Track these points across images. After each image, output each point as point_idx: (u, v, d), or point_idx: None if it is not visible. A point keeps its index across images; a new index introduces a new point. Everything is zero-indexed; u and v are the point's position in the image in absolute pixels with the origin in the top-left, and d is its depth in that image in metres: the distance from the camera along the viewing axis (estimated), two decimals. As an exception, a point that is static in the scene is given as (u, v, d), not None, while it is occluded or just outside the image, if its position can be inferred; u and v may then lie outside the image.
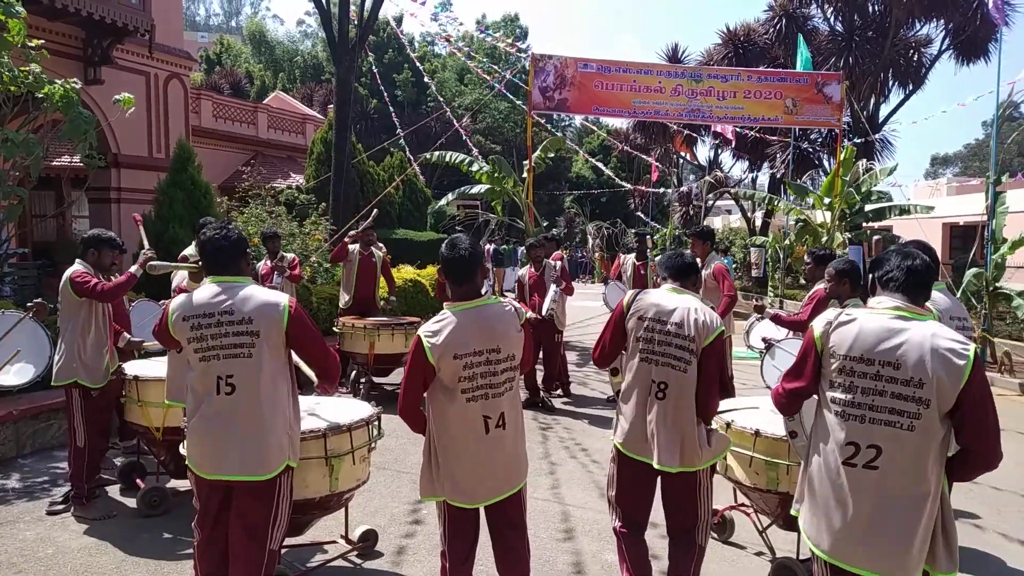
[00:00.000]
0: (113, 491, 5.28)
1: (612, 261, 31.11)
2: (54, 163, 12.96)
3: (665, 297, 3.48)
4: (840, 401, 2.51)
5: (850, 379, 2.49)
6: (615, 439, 3.52)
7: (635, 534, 3.53)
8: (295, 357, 3.33)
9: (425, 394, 3.11)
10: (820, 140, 21.92)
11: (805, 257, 6.04)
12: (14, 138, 6.94)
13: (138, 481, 5.21)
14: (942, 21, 20.04)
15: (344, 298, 8.69)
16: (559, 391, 8.63)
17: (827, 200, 12.89)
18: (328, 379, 3.37)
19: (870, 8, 19.72)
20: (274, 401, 3.12)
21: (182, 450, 3.56)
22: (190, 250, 6.61)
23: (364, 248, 8.60)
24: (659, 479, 3.47)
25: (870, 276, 2.73)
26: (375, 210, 8.93)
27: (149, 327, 5.07)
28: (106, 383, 4.83)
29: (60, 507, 4.88)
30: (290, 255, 8.23)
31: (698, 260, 5.73)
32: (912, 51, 20.94)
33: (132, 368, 4.96)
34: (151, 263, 4.27)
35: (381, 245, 8.98)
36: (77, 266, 4.75)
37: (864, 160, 13.99)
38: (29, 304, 4.24)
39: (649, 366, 3.40)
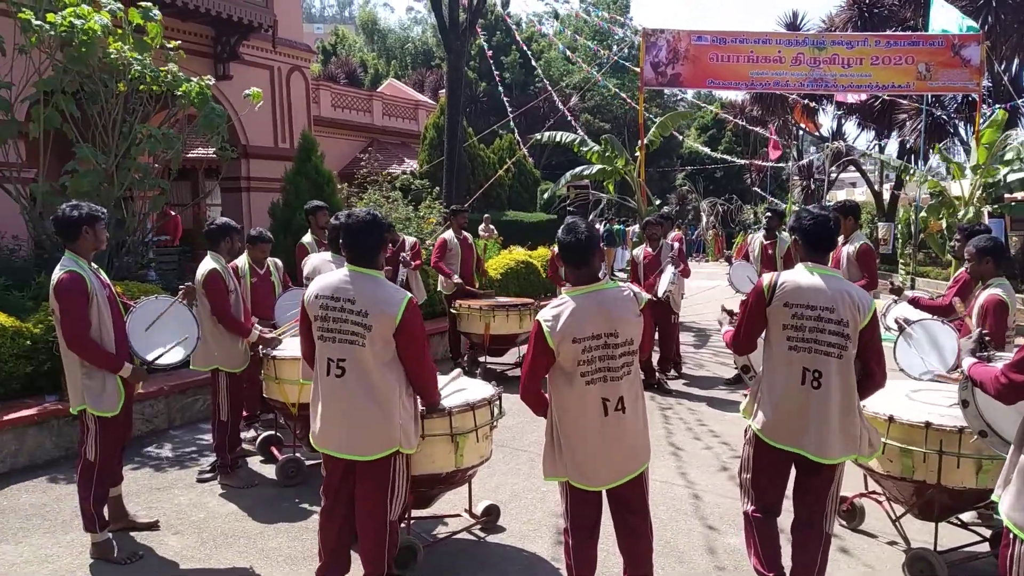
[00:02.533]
0: (252, 462, 5.66)
1: (726, 239, 30.07)
2: (189, 155, 13.84)
3: (810, 279, 3.24)
4: None
5: None
6: (754, 424, 3.40)
7: (767, 518, 3.45)
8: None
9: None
10: (956, 106, 20.40)
11: (956, 234, 5.64)
12: (156, 134, 7.49)
13: (275, 452, 5.57)
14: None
15: (447, 282, 8.68)
16: (673, 372, 8.52)
17: (968, 171, 12.01)
18: (423, 394, 3.47)
19: (1014, -40, 18.09)
20: (383, 391, 3.24)
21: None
22: (307, 238, 6.93)
23: (457, 233, 8.70)
24: (794, 466, 3.37)
25: None
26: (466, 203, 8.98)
27: (292, 314, 5.38)
28: (246, 365, 5.18)
29: (208, 475, 5.29)
30: (410, 239, 8.42)
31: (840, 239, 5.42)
32: (1063, 4, 19.08)
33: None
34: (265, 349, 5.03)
35: (493, 228, 9.09)
36: (211, 264, 5.07)
37: (1017, 128, 12.90)
38: (181, 288, 4.59)
39: (800, 355, 3.21)
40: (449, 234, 8.67)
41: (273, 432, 5.79)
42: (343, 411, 3.25)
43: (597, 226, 19.97)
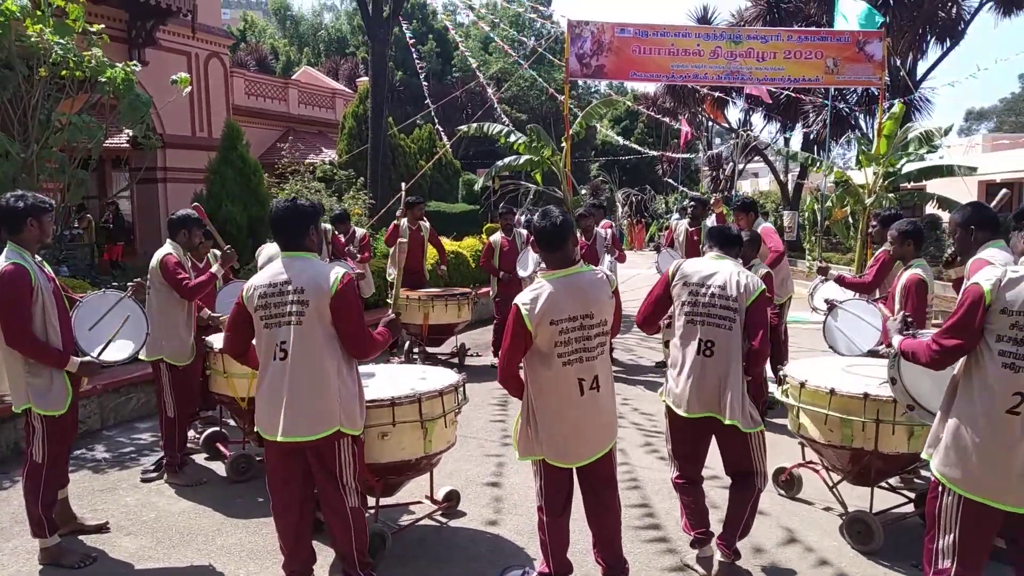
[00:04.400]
0: (198, 460, 5.53)
1: (641, 228, 30.78)
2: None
3: (708, 264, 3.72)
4: (1010, 353, 2.60)
5: (1022, 333, 2.58)
6: (666, 399, 3.77)
7: (691, 484, 3.78)
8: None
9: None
10: (856, 99, 21.56)
11: (872, 220, 6.04)
12: (77, 122, 7.16)
13: (221, 448, 5.46)
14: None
15: (392, 272, 8.81)
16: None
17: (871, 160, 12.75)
18: (360, 355, 3.44)
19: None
20: (323, 368, 3.23)
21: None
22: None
23: (412, 223, 8.75)
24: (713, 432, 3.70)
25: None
26: (403, 187, 9.05)
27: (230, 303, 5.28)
28: (192, 359, 5.05)
29: (153, 474, 5.14)
30: (360, 231, 8.37)
31: (744, 233, 5.81)
32: (951, 4, 20.45)
33: (218, 341, 5.16)
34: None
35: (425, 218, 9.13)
36: (168, 249, 4.94)
37: (912, 120, 13.76)
38: (129, 284, 4.44)
39: (695, 327, 3.62)
40: (404, 222, 8.69)
41: (217, 428, 5.67)
42: (285, 393, 3.21)
43: (520, 217, 20.17)
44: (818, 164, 14.01)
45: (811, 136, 23.51)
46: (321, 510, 3.46)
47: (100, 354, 4.03)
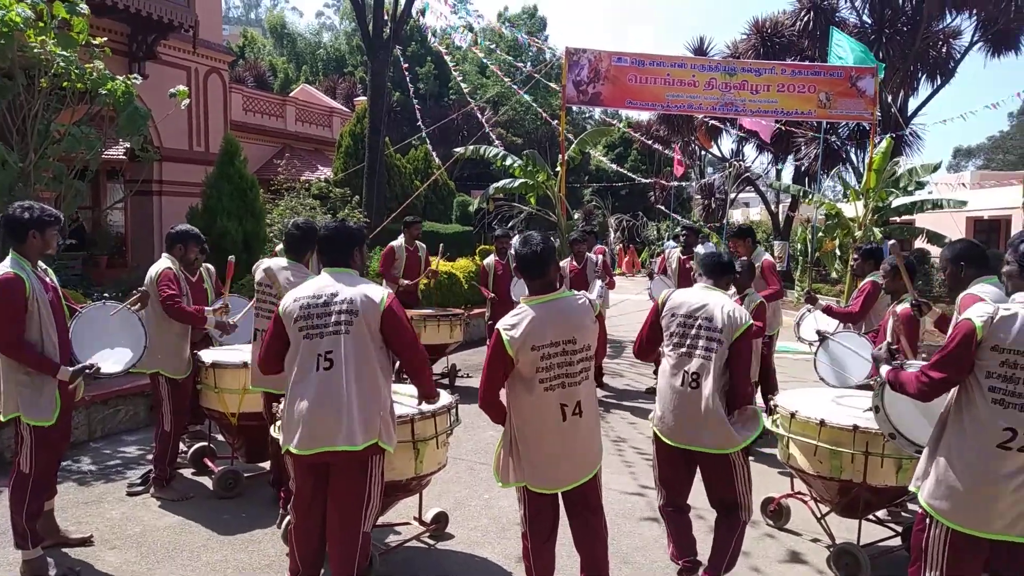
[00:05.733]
0: (185, 474, 5.49)
1: (632, 253, 30.89)
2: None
3: (697, 294, 3.75)
4: (1000, 389, 2.64)
5: (1012, 370, 2.63)
6: (653, 426, 3.80)
7: (677, 512, 3.80)
8: None
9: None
10: (848, 133, 21.84)
11: (854, 253, 6.11)
12: (75, 132, 7.17)
13: (209, 464, 5.42)
14: (973, 13, 19.88)
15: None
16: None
17: (861, 193, 12.94)
18: (418, 380, 3.51)
19: (900, 0, 19.62)
20: (369, 377, 3.25)
21: (275, 434, 3.74)
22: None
23: (409, 242, 8.78)
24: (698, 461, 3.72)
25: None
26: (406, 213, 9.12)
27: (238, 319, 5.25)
28: (188, 373, 5.04)
29: (140, 488, 5.10)
30: None
31: (744, 259, 5.86)
32: (942, 43, 20.82)
33: (209, 355, 5.16)
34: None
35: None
36: (166, 262, 4.95)
37: (902, 156, 13.98)
38: (134, 292, 4.46)
39: (682, 358, 3.64)
40: (398, 242, 8.72)
41: (206, 443, 5.64)
42: (331, 402, 3.19)
43: (515, 239, 20.19)
44: (809, 196, 14.15)
45: (802, 168, 23.75)
46: (328, 530, 3.34)
47: (94, 363, 4.01)
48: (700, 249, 8.20)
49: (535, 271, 3.26)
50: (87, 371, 3.92)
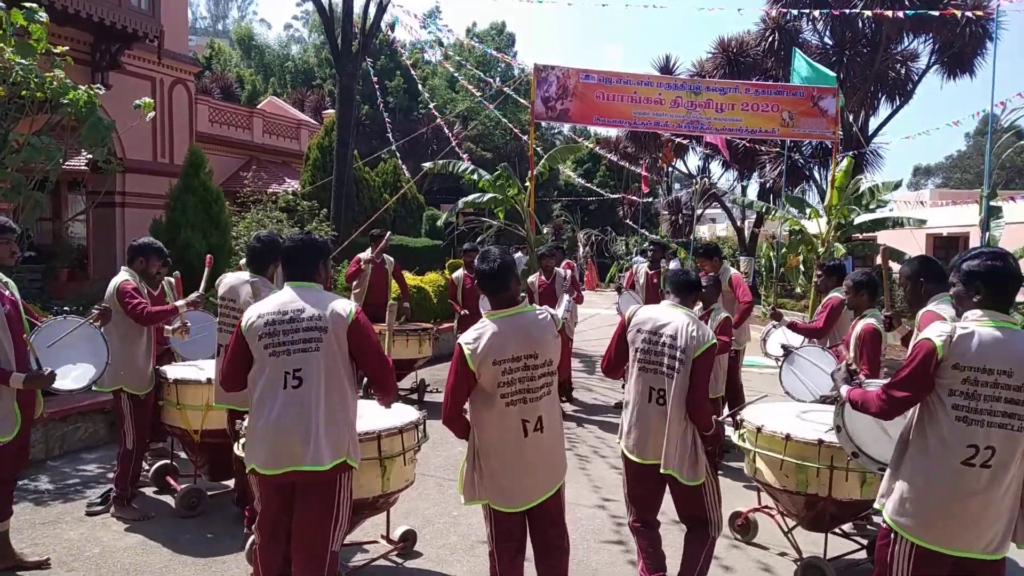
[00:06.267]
0: (146, 493, 5.36)
1: (598, 269, 31.13)
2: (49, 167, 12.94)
3: (663, 312, 3.78)
4: (963, 407, 2.69)
5: (973, 387, 2.67)
6: (621, 444, 3.82)
7: (647, 528, 3.81)
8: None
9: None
10: (811, 152, 22.27)
11: (817, 269, 6.22)
12: (35, 143, 7.02)
13: (171, 482, 5.30)
14: (930, 37, 20.45)
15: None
16: (564, 400, 8.80)
17: (822, 211, 13.19)
18: (383, 388, 3.44)
19: (860, 23, 20.10)
20: (338, 396, 3.19)
21: (239, 452, 3.67)
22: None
23: (376, 256, 8.70)
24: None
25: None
26: (388, 232, 9.03)
27: (199, 336, 5.18)
28: (150, 389, 4.93)
29: (99, 508, 4.96)
30: None
31: (711, 275, 5.94)
32: (900, 65, 21.37)
33: (172, 372, 5.06)
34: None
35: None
36: (124, 275, 4.83)
37: (864, 174, 14.26)
38: (95, 309, 4.35)
39: (647, 374, 3.69)
40: (366, 254, 8.63)
41: (168, 461, 5.51)
42: (299, 421, 3.11)
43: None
44: (773, 212, 14.37)
45: (767, 185, 24.15)
46: (294, 551, 3.24)
47: (50, 368, 3.89)
48: (673, 265, 8.30)
49: (494, 286, 3.27)
50: (43, 377, 3.80)
